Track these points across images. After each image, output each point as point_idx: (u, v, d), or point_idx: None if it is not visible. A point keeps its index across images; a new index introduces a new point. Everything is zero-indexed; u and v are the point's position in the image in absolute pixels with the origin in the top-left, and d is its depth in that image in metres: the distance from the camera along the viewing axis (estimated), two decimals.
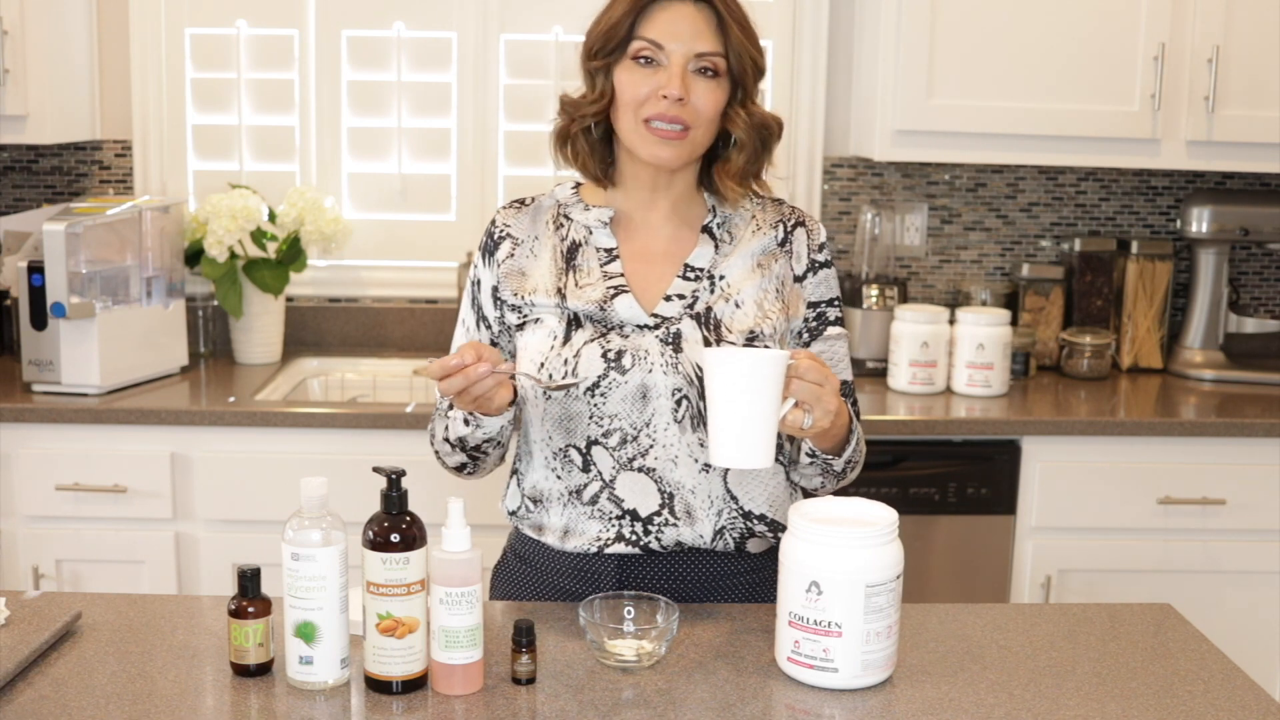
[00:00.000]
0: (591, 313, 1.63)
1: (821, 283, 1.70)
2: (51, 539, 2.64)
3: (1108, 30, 2.85)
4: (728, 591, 1.68)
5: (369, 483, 1.46)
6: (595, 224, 1.67)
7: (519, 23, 3.14)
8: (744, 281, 1.65)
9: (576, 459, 1.64)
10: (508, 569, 1.77)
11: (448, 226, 3.21)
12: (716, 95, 1.60)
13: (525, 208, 1.72)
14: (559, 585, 1.69)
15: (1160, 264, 3.18)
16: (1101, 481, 2.71)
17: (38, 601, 1.58)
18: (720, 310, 1.63)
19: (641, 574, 1.65)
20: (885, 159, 2.99)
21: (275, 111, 3.16)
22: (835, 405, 1.47)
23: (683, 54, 1.57)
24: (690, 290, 1.64)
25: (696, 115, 1.59)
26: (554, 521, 1.67)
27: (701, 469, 1.63)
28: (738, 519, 1.65)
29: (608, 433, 1.62)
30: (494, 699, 1.37)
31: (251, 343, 3.04)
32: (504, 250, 1.69)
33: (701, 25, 1.58)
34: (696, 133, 1.60)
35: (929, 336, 2.89)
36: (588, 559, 1.66)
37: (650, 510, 1.63)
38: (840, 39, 3.16)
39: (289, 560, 1.37)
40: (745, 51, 1.61)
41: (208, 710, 1.35)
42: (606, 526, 1.64)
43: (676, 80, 1.56)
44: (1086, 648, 1.55)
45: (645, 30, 1.58)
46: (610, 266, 1.65)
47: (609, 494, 1.64)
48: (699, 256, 1.66)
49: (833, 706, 1.38)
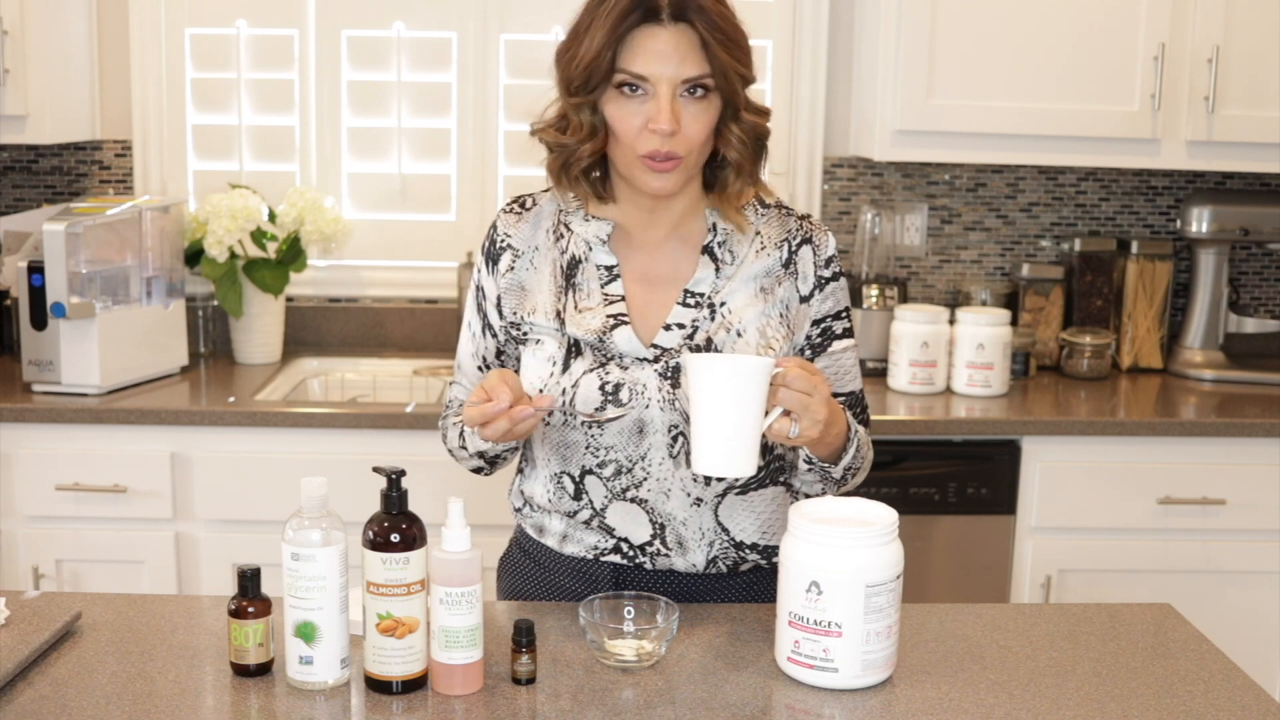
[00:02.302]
0: (591, 341, 1.60)
1: (828, 298, 1.64)
2: (51, 539, 2.64)
3: (1108, 30, 2.85)
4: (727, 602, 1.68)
5: (369, 483, 1.46)
6: (594, 240, 1.63)
7: (519, 23, 3.13)
8: (746, 309, 1.61)
9: (569, 486, 1.64)
10: (512, 561, 1.78)
11: (448, 226, 3.21)
12: (707, 116, 1.53)
13: (526, 213, 1.68)
14: (560, 584, 1.70)
15: (1160, 264, 3.18)
16: (1101, 481, 2.71)
17: (38, 601, 1.57)
18: (721, 340, 1.59)
19: (637, 584, 1.66)
20: (885, 159, 2.99)
21: (275, 111, 3.16)
22: (824, 414, 1.43)
23: (669, 83, 1.49)
24: (690, 319, 1.60)
25: (689, 143, 1.52)
26: (554, 526, 1.68)
27: (693, 502, 1.61)
28: (729, 549, 1.64)
29: (603, 463, 1.61)
30: (494, 699, 1.37)
31: (251, 343, 3.04)
32: (505, 262, 1.66)
33: (685, 49, 1.49)
34: (690, 159, 1.54)
35: (929, 336, 2.89)
36: (586, 563, 1.67)
37: (642, 540, 1.63)
38: (840, 39, 3.16)
39: (289, 560, 1.37)
40: (732, 69, 1.51)
41: (208, 710, 1.35)
42: (603, 539, 1.65)
43: (665, 113, 1.49)
44: (1086, 648, 1.55)
45: (628, 62, 1.50)
46: (611, 288, 1.62)
47: (599, 522, 1.64)
48: (699, 281, 1.61)
49: (833, 706, 1.38)
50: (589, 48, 1.50)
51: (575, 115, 1.55)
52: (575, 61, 1.52)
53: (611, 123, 1.53)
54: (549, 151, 1.60)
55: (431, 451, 2.65)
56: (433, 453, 2.65)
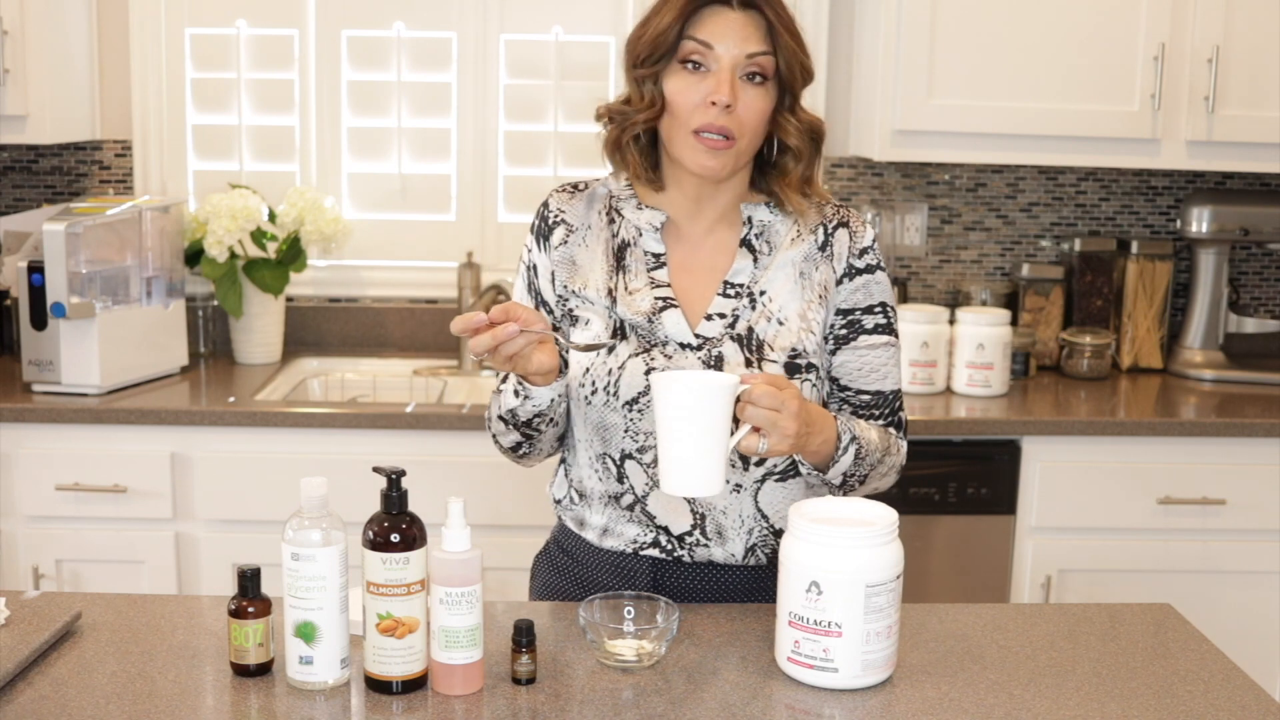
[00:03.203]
0: (638, 324, 1.62)
1: (859, 289, 1.65)
2: (51, 539, 2.64)
3: (1108, 30, 2.85)
4: (761, 598, 1.68)
5: (369, 483, 1.46)
6: (646, 227, 1.65)
7: (519, 23, 3.13)
8: (786, 296, 1.63)
9: (612, 468, 1.65)
10: (550, 558, 1.77)
11: (448, 226, 3.21)
12: (764, 103, 1.58)
13: (580, 193, 1.70)
14: (597, 580, 1.69)
15: (1160, 264, 3.18)
16: (1101, 481, 2.71)
17: (38, 601, 1.57)
18: (762, 330, 1.61)
19: (675, 578, 1.66)
20: (885, 159, 2.99)
21: (275, 111, 3.16)
22: (794, 429, 1.43)
23: (732, 57, 1.55)
24: (731, 309, 1.62)
25: (742, 125, 1.56)
26: (595, 519, 1.68)
27: (733, 489, 1.62)
28: (768, 536, 1.65)
29: (642, 449, 1.62)
30: (494, 699, 1.37)
31: (251, 343, 3.04)
32: (558, 235, 1.67)
33: (750, 30, 1.56)
34: (742, 143, 1.57)
35: (929, 336, 2.89)
36: (624, 558, 1.67)
37: (682, 530, 1.64)
38: (840, 39, 3.16)
39: (289, 560, 1.37)
40: (794, 56, 1.57)
41: (208, 710, 1.35)
42: (644, 531, 1.65)
43: (725, 85, 1.54)
44: (1086, 648, 1.55)
45: (695, 32, 1.56)
46: (657, 273, 1.64)
47: (642, 508, 1.64)
48: (738, 272, 1.64)
49: (833, 706, 1.38)
50: (658, 24, 1.57)
51: (638, 89, 1.60)
52: (643, 38, 1.59)
53: (671, 97, 1.57)
54: (608, 124, 1.65)
55: (432, 451, 2.66)
56: (433, 453, 2.66)
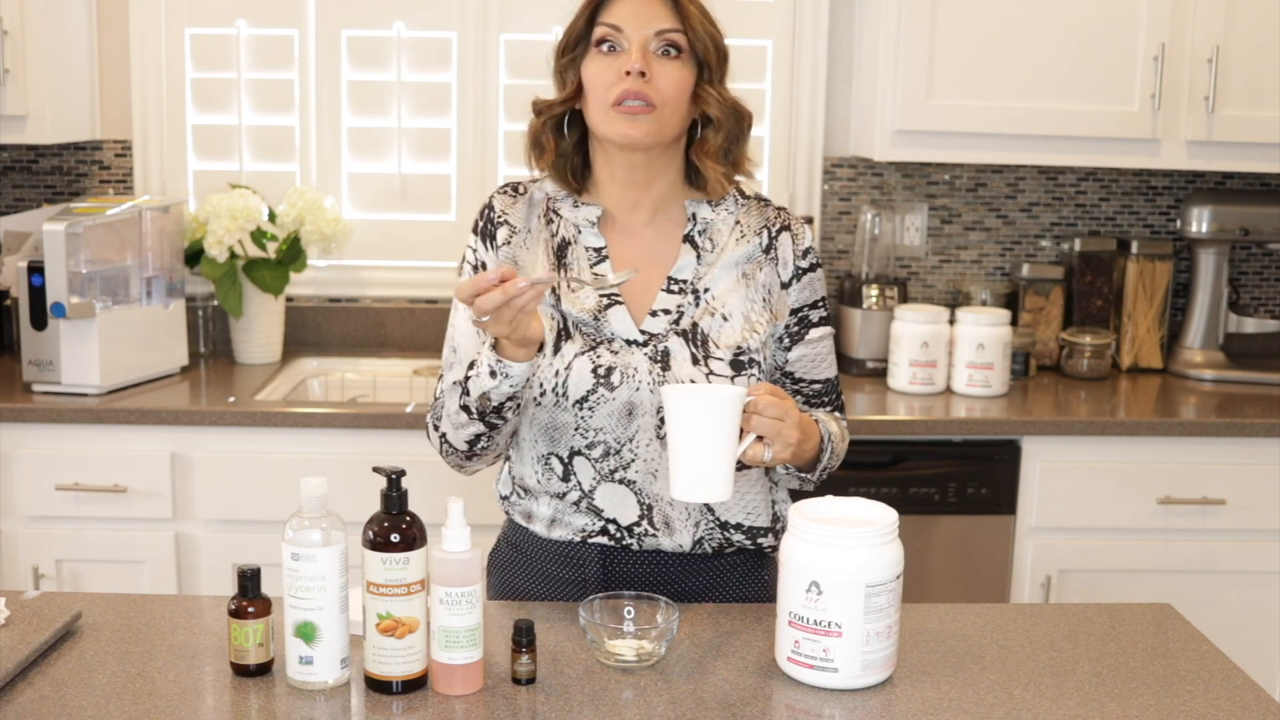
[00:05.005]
0: (583, 321, 1.63)
1: (806, 287, 1.70)
2: (51, 539, 2.64)
3: (1108, 30, 2.85)
4: (712, 590, 1.69)
5: (369, 483, 1.46)
6: (584, 222, 1.68)
7: (519, 23, 3.13)
8: (730, 294, 1.66)
9: (557, 468, 1.66)
10: (501, 556, 1.79)
11: (448, 226, 3.20)
12: (681, 74, 1.61)
13: (520, 196, 1.73)
14: (548, 572, 1.71)
15: (1160, 264, 3.18)
16: (1101, 481, 2.71)
17: (38, 601, 1.58)
18: (707, 325, 1.64)
19: (624, 566, 1.67)
20: (885, 159, 2.99)
21: (275, 111, 3.16)
22: (796, 437, 1.50)
23: (641, 35, 1.60)
24: (675, 305, 1.65)
25: (661, 94, 1.59)
26: (542, 510, 1.69)
27: None
28: (715, 529, 1.67)
29: (591, 444, 1.63)
30: (494, 699, 1.37)
31: (251, 343, 3.04)
32: (502, 235, 1.70)
33: (657, 8, 1.61)
34: (664, 111, 1.60)
35: (929, 336, 2.89)
36: (573, 547, 1.68)
37: (630, 520, 1.65)
38: (840, 39, 3.16)
39: (289, 560, 1.37)
40: (704, 29, 1.62)
41: (208, 710, 1.35)
42: (592, 521, 1.66)
43: (637, 55, 1.58)
44: (1086, 648, 1.55)
45: (605, 18, 1.62)
46: (600, 268, 1.67)
47: (588, 503, 1.66)
48: (682, 268, 1.67)
49: (833, 706, 1.38)
50: (572, 20, 1.65)
51: (560, 79, 1.67)
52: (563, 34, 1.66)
53: (588, 80, 1.63)
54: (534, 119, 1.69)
55: (432, 451, 2.65)
56: (433, 453, 2.65)
